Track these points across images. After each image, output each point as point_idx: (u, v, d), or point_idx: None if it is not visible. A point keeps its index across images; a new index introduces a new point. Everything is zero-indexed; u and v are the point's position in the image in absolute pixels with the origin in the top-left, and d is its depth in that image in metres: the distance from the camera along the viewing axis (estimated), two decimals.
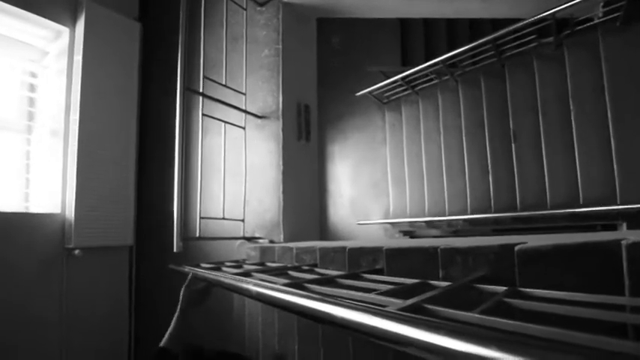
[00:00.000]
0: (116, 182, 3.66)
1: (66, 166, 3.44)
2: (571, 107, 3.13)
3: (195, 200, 3.09)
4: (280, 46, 3.27)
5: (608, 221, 3.15)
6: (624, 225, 3.12)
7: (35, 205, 3.45)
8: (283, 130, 3.22)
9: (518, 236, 1.48)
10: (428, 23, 4.60)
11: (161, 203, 3.63)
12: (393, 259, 1.56)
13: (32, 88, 3.57)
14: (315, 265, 1.99)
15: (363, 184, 4.62)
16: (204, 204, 3.05)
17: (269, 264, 2.36)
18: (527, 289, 1.03)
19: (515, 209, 3.40)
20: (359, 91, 4.27)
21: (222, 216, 2.97)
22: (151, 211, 3.86)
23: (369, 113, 4.63)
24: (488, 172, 3.58)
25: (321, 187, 4.54)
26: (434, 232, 4.25)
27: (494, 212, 3.51)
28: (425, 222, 4.02)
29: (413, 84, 4.11)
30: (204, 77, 2.86)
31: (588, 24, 3.07)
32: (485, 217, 3.47)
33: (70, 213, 3.37)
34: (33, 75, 3.59)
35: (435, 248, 1.38)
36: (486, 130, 3.61)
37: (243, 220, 3.12)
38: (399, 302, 0.92)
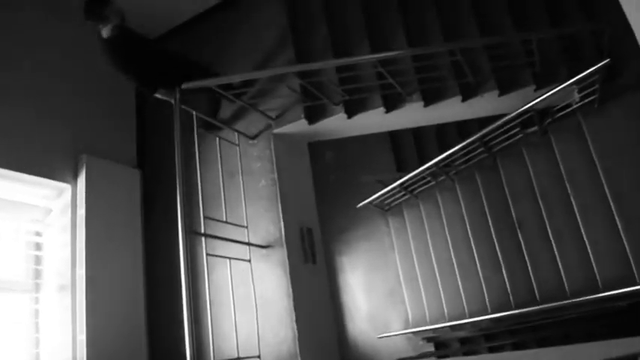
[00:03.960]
0: (127, 332, 3.59)
1: (75, 321, 3.39)
2: (568, 190, 3.14)
3: (207, 341, 3.01)
4: (275, 176, 3.38)
5: (633, 299, 3.07)
6: None
7: None
8: (289, 257, 3.23)
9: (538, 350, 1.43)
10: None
11: (174, 347, 3.52)
12: None
13: (38, 246, 3.62)
14: None
15: (378, 293, 4.53)
16: (217, 343, 2.98)
17: None
18: None
19: (534, 299, 3.30)
20: (359, 202, 4.31)
21: (236, 356, 2.89)
22: (164, 356, 3.75)
23: (373, 222, 4.65)
24: (500, 265, 3.53)
25: (337, 302, 4.46)
26: (458, 333, 4.11)
27: (515, 306, 3.41)
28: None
29: (411, 188, 4.16)
30: (205, 217, 2.92)
31: (568, 109, 3.18)
32: (507, 315, 3.37)
33: None
34: (38, 234, 3.66)
35: None
36: (490, 224, 3.60)
37: (259, 357, 3.03)
38: None
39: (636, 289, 2.74)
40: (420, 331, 4.04)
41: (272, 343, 3.14)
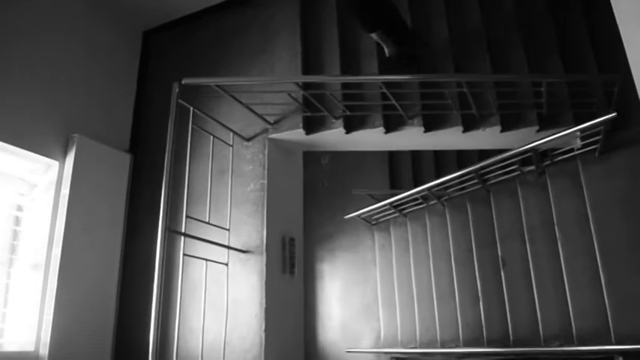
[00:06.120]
0: (96, 318, 3.55)
1: (44, 301, 3.33)
2: (557, 235, 3.12)
3: (173, 339, 2.99)
4: (265, 181, 3.34)
5: (605, 355, 3.06)
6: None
7: (9, 342, 3.32)
8: (267, 266, 3.20)
9: None
10: None
11: (140, 341, 3.50)
12: None
13: (17, 220, 3.57)
14: None
15: (354, 307, 4.51)
16: (183, 343, 2.96)
17: None
18: None
19: (507, 339, 3.30)
20: (348, 211, 4.28)
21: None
22: (131, 347, 3.71)
23: (358, 233, 4.62)
24: (478, 299, 3.52)
25: (311, 311, 4.44)
26: (428, 358, 4.11)
27: (487, 342, 3.41)
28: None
29: (401, 208, 4.14)
30: (187, 217, 2.88)
31: (568, 155, 3.14)
32: (478, 352, 3.37)
33: (45, 351, 3.22)
34: (19, 208, 3.60)
35: None
36: (475, 256, 3.58)
37: None
38: None
39: (610, 349, 2.75)
40: (390, 352, 4.04)
41: (238, 350, 3.11)
